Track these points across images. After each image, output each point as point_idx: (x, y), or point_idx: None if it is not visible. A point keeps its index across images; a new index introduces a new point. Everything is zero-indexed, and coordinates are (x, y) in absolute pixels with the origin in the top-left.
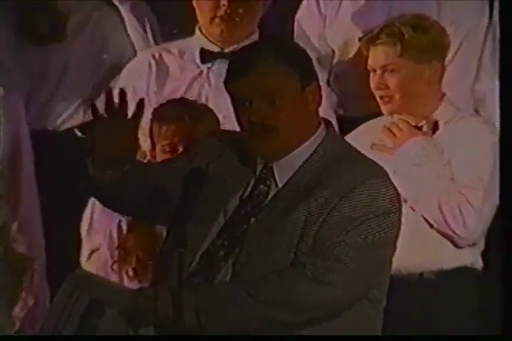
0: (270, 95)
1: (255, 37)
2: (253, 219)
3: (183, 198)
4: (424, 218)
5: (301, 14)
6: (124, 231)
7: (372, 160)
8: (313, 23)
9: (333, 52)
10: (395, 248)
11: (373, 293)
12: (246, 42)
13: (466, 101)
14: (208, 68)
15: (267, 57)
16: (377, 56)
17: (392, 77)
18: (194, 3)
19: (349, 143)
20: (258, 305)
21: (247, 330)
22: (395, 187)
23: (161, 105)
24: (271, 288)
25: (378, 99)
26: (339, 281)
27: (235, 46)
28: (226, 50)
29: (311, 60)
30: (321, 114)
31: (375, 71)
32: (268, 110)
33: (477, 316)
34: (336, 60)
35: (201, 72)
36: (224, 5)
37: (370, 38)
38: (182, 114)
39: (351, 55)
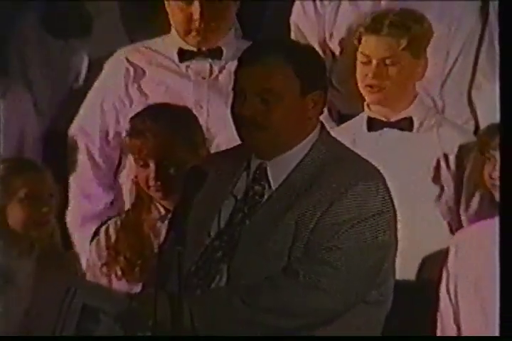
0: (264, 93)
1: (232, 33)
2: (247, 221)
3: (183, 197)
4: None
5: (296, 15)
6: (112, 235)
7: (366, 162)
8: (311, 23)
9: (332, 52)
10: (395, 249)
11: (372, 295)
12: (224, 41)
13: (461, 104)
14: (187, 66)
15: (276, 57)
16: (379, 47)
17: (391, 68)
18: (169, 16)
19: (343, 144)
20: (252, 311)
21: (240, 335)
22: (387, 188)
23: (137, 114)
24: (265, 294)
25: (365, 87)
26: (333, 287)
27: (212, 46)
28: (204, 49)
29: (322, 68)
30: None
31: (370, 61)
32: (260, 107)
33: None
34: (336, 59)
35: (180, 71)
36: (196, 19)
37: (370, 28)
38: (145, 131)
39: (350, 53)
